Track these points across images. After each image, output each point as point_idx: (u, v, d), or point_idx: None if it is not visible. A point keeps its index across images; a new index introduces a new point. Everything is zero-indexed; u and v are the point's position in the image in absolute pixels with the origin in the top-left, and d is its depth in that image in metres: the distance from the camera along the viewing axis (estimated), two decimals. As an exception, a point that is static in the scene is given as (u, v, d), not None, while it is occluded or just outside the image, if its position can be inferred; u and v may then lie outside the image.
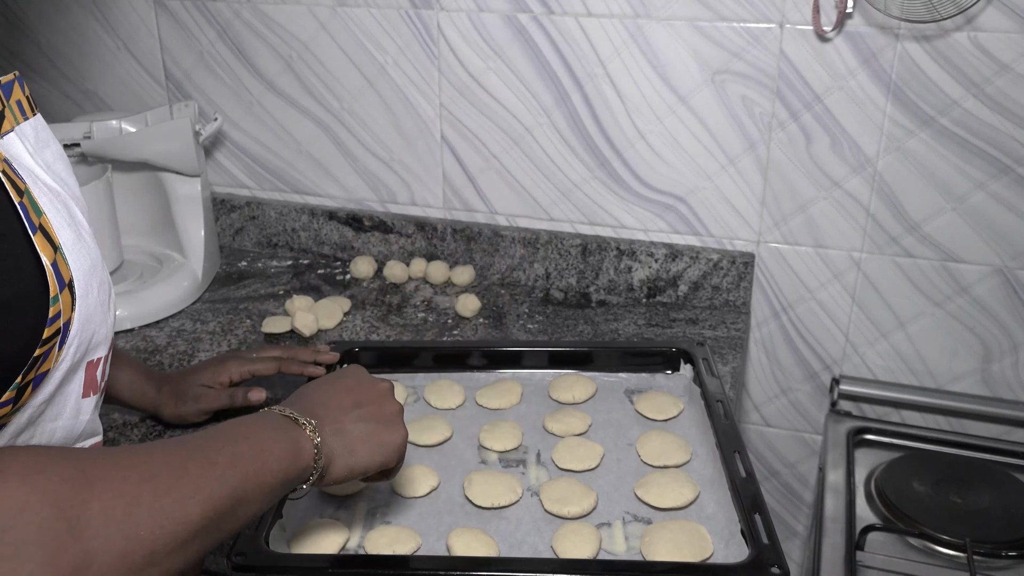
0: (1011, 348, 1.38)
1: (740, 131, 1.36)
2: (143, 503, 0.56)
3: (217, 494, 0.62)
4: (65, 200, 0.66)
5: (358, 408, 0.81)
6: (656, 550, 0.89)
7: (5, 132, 0.65)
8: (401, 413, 0.85)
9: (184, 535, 0.59)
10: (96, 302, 0.66)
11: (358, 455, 0.79)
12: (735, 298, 1.44)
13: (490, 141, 1.47)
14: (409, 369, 1.20)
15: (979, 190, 1.30)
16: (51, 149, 0.70)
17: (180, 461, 0.62)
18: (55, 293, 0.60)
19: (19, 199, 0.60)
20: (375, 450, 0.80)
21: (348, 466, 0.78)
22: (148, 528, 0.55)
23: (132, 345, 1.33)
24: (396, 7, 1.42)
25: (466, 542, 0.89)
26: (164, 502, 0.58)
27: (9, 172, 0.61)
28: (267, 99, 1.55)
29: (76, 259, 0.63)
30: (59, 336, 0.61)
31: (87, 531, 0.52)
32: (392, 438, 0.82)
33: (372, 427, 0.81)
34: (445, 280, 1.51)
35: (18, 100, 0.68)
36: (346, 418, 0.80)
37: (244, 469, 0.66)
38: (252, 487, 0.66)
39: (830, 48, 1.28)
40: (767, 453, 1.57)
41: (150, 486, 0.57)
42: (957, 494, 1.23)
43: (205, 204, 1.48)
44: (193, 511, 0.60)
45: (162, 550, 0.56)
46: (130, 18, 1.55)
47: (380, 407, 0.83)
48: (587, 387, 1.16)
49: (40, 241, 0.60)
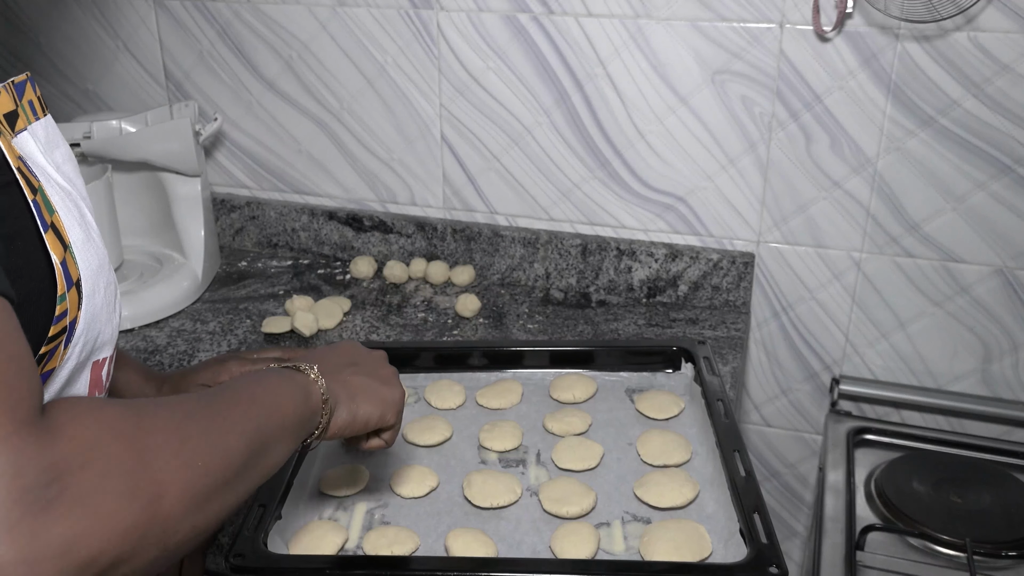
0: (1011, 348, 1.38)
1: (740, 131, 1.36)
2: (192, 436, 0.58)
3: (249, 428, 0.64)
4: (76, 199, 0.67)
5: (355, 366, 0.84)
6: (655, 550, 0.89)
7: (19, 131, 0.65)
8: (396, 376, 0.86)
9: (233, 467, 0.61)
10: (103, 302, 0.66)
11: (359, 402, 0.80)
12: (735, 298, 1.44)
13: (490, 141, 1.47)
14: (409, 369, 1.20)
15: (979, 190, 1.30)
16: (61, 150, 0.70)
17: (207, 402, 0.64)
18: (63, 291, 0.61)
19: (33, 196, 0.61)
20: (375, 401, 0.82)
21: (351, 412, 0.80)
22: (203, 459, 0.57)
23: (132, 345, 1.33)
24: (396, 7, 1.42)
25: (465, 542, 0.89)
26: (209, 436, 0.60)
27: (24, 170, 0.61)
28: (267, 99, 1.55)
29: (85, 258, 0.64)
30: (65, 334, 0.62)
31: (154, 462, 0.53)
32: (391, 393, 0.83)
33: (370, 381, 0.83)
34: (445, 280, 1.51)
35: (30, 100, 0.68)
36: (344, 371, 0.82)
37: (264, 408, 0.68)
38: (274, 426, 0.68)
39: (830, 48, 1.28)
40: (767, 453, 1.57)
41: (193, 422, 0.59)
42: (957, 494, 1.23)
43: (205, 204, 1.49)
44: (235, 444, 0.62)
45: (218, 481, 0.58)
46: (130, 18, 1.55)
47: (376, 368, 0.85)
48: (588, 386, 1.16)
49: (51, 239, 0.61)
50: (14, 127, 0.65)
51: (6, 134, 0.63)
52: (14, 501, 0.46)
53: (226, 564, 0.83)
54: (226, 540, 0.96)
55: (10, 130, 0.64)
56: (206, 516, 0.57)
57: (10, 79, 0.66)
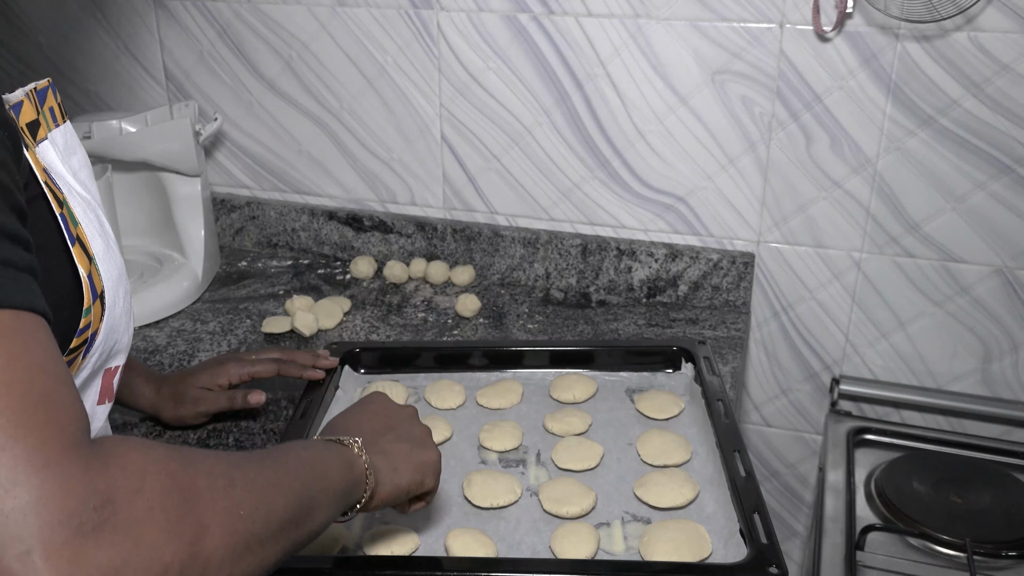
0: (1011, 348, 1.38)
1: (740, 131, 1.36)
2: (238, 484, 0.57)
3: (295, 487, 0.63)
4: (95, 208, 0.66)
5: (390, 431, 0.83)
6: (655, 550, 0.89)
7: (40, 139, 0.65)
8: (430, 435, 0.87)
9: (275, 522, 0.59)
10: (122, 311, 0.66)
11: (401, 472, 0.80)
12: (735, 298, 1.44)
13: (490, 141, 1.47)
14: (409, 369, 1.20)
15: (979, 190, 1.30)
16: (77, 156, 0.69)
17: (257, 457, 0.62)
18: (88, 304, 0.60)
19: (60, 210, 0.60)
20: (414, 468, 0.82)
21: (394, 484, 0.79)
22: (246, 508, 0.56)
23: (132, 345, 1.32)
24: (396, 7, 1.42)
25: (464, 543, 0.89)
26: (256, 486, 0.58)
27: (49, 183, 0.61)
28: (267, 99, 1.55)
29: (107, 269, 0.63)
30: (85, 345, 0.61)
31: (199, 503, 0.52)
32: (429, 456, 0.84)
33: (408, 447, 0.82)
34: (445, 280, 1.51)
35: (51, 107, 0.67)
36: (382, 440, 0.81)
37: (311, 472, 0.67)
38: (319, 491, 0.67)
39: (830, 48, 1.28)
40: (767, 453, 1.57)
41: (240, 471, 0.58)
42: (957, 494, 1.23)
43: (205, 204, 1.49)
44: (279, 501, 0.60)
45: (259, 534, 0.57)
46: (130, 18, 1.55)
47: (410, 429, 0.85)
48: (588, 386, 1.16)
49: (78, 253, 0.61)
50: (36, 136, 0.64)
51: (31, 146, 0.62)
52: (59, 523, 0.45)
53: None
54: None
55: (33, 140, 0.64)
56: (243, 568, 0.56)
57: (33, 85, 0.65)
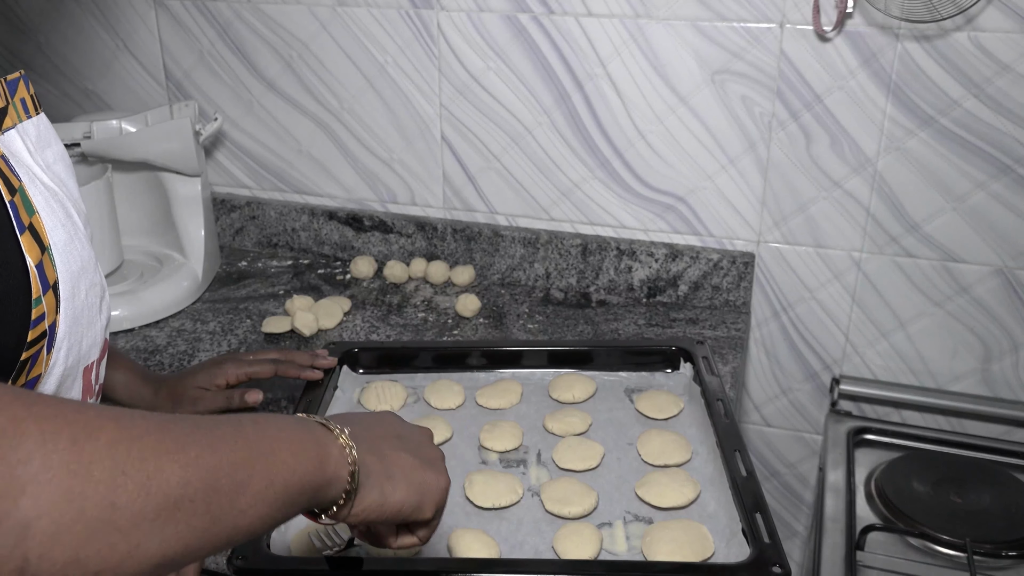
0: (1011, 348, 1.38)
1: (740, 131, 1.36)
2: (97, 438, 0.46)
3: (208, 464, 0.51)
4: (62, 200, 0.66)
5: (399, 440, 0.71)
6: (657, 550, 0.89)
7: (6, 128, 0.65)
8: (443, 461, 0.74)
9: (160, 499, 0.47)
10: (84, 304, 0.65)
11: (396, 483, 0.67)
12: (735, 298, 1.44)
13: (490, 141, 1.47)
14: (409, 369, 1.20)
15: (979, 190, 1.30)
16: (52, 150, 0.69)
17: (165, 420, 0.52)
18: (38, 295, 0.59)
19: (10, 197, 0.60)
20: (414, 486, 0.68)
21: (383, 494, 0.66)
22: (103, 471, 0.45)
23: (132, 345, 1.33)
24: (396, 7, 1.42)
25: (467, 543, 0.90)
26: (134, 448, 0.47)
27: (4, 169, 0.60)
28: (267, 99, 1.55)
29: (65, 260, 0.63)
30: (45, 339, 0.61)
31: (10, 452, 0.43)
32: (435, 480, 0.70)
33: (414, 461, 0.69)
34: (445, 280, 1.51)
35: (23, 98, 0.67)
36: (385, 444, 0.69)
37: (247, 449, 0.55)
38: (254, 474, 0.54)
39: (830, 48, 1.28)
40: (767, 453, 1.57)
41: (114, 424, 0.48)
42: (957, 494, 1.23)
43: (205, 204, 1.48)
44: (171, 471, 0.48)
45: (128, 507, 0.46)
46: (130, 18, 1.55)
47: (422, 447, 0.73)
48: (587, 386, 1.16)
49: (27, 241, 0.60)
50: (2, 124, 0.64)
51: None
52: None
53: (228, 566, 0.83)
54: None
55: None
56: (99, 550, 0.45)
57: (3, 76, 0.66)
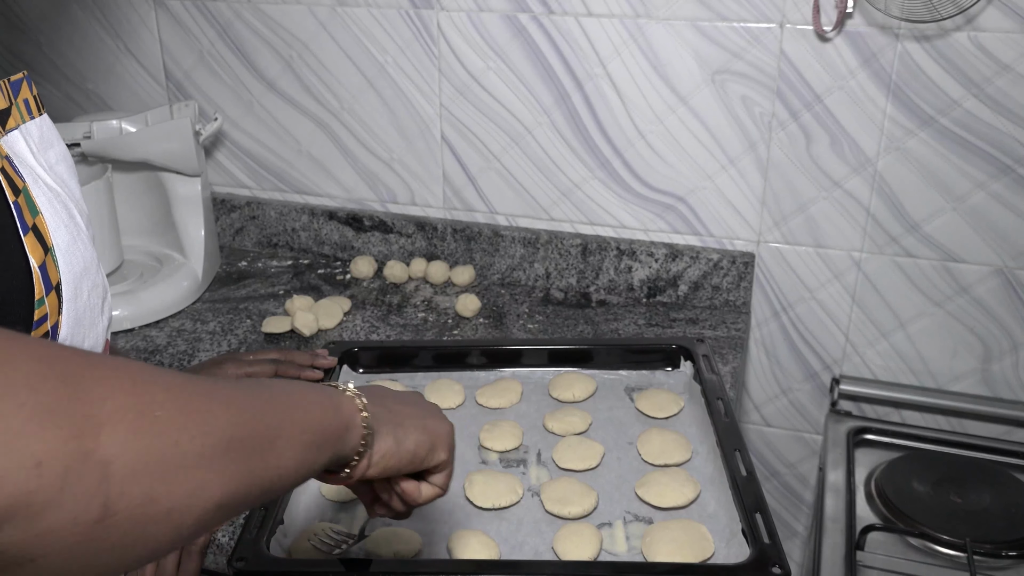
0: (1011, 348, 1.38)
1: (740, 131, 1.36)
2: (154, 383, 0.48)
3: (250, 408, 0.53)
4: (65, 201, 0.66)
5: (397, 396, 0.75)
6: (657, 550, 0.89)
7: (10, 129, 0.65)
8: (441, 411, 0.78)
9: (215, 439, 0.49)
10: (86, 305, 0.65)
11: (407, 428, 0.71)
12: (735, 298, 1.44)
13: (490, 141, 1.47)
14: (409, 369, 1.20)
15: (979, 190, 1.30)
16: (55, 150, 0.69)
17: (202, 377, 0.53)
18: (41, 296, 0.59)
19: (14, 198, 0.60)
20: (423, 430, 0.72)
21: (396, 439, 0.69)
22: (166, 411, 0.47)
23: (132, 345, 1.33)
24: (396, 7, 1.42)
25: (467, 544, 0.90)
26: (185, 391, 0.49)
27: (8, 170, 0.61)
28: (267, 99, 1.55)
29: (68, 261, 0.63)
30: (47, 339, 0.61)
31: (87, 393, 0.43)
32: (440, 425, 0.75)
33: (416, 410, 0.74)
34: (445, 280, 1.51)
35: (25, 99, 0.67)
36: (387, 399, 0.72)
37: (276, 401, 0.57)
38: (286, 421, 0.56)
39: (830, 48, 1.28)
40: (767, 453, 1.57)
41: (165, 375, 0.49)
42: (957, 494, 1.23)
43: (205, 204, 1.48)
44: (219, 414, 0.50)
45: (190, 447, 0.47)
46: (130, 18, 1.55)
47: (419, 401, 0.78)
48: (587, 385, 1.16)
49: (31, 242, 0.60)
50: (5, 125, 0.65)
51: None
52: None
53: (229, 568, 0.83)
54: (227, 541, 0.96)
55: (1, 128, 0.64)
56: (172, 485, 0.45)
57: (7, 77, 0.66)
